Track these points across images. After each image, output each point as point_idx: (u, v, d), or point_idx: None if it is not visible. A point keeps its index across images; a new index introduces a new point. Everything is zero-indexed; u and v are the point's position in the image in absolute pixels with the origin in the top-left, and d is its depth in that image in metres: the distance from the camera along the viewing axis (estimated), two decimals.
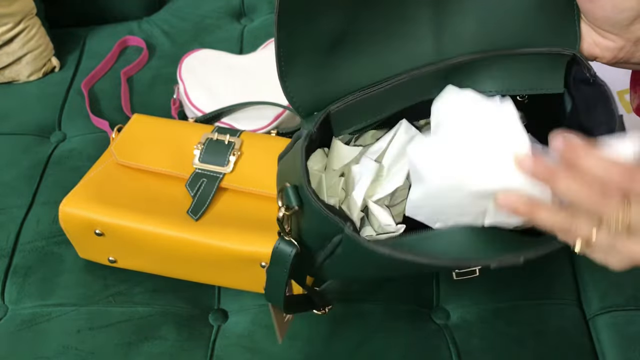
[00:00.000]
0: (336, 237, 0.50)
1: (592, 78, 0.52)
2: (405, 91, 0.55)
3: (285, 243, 0.54)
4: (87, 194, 0.74)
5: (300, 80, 0.53)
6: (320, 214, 0.49)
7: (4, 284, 0.78)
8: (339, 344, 0.72)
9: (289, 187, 0.51)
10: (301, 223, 0.53)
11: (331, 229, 0.49)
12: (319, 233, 0.51)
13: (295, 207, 0.51)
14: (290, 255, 0.53)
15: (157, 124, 0.81)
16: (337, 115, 0.54)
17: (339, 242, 0.50)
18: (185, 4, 1.19)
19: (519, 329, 0.72)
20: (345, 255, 0.51)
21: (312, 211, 0.50)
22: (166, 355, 0.71)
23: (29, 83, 1.04)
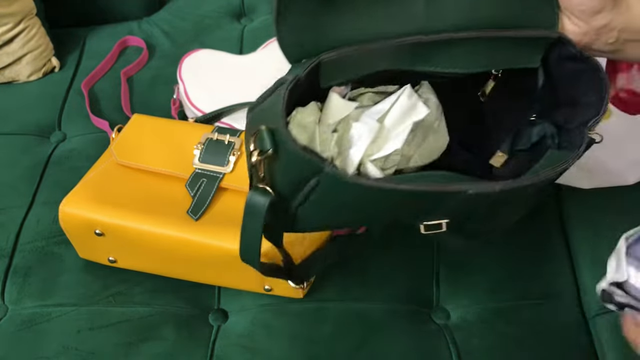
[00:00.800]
0: (312, 180, 0.49)
1: (579, 54, 0.55)
2: (392, 56, 0.55)
3: (258, 192, 0.52)
4: (87, 194, 0.74)
5: (294, 25, 0.52)
6: (297, 156, 0.48)
7: (4, 284, 0.78)
8: (339, 344, 0.72)
9: (263, 129, 0.50)
10: (274, 170, 0.52)
11: (308, 171, 0.49)
12: (294, 178, 0.51)
13: (269, 151, 0.49)
14: (264, 205, 0.52)
15: (157, 124, 0.81)
16: (327, 66, 0.53)
17: (315, 185, 0.50)
18: (185, 4, 1.19)
19: (519, 329, 0.72)
20: (321, 198, 0.51)
21: (287, 154, 0.49)
22: (166, 355, 0.71)
23: (29, 83, 1.04)
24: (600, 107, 0.53)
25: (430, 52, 0.56)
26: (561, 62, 0.57)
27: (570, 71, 0.56)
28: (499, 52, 0.56)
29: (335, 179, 0.48)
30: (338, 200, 0.51)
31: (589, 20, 0.54)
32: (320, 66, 0.53)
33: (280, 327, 0.73)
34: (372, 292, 0.76)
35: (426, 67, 0.56)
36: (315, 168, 0.48)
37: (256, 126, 0.51)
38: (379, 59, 0.55)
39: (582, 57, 0.55)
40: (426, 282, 0.78)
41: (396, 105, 0.58)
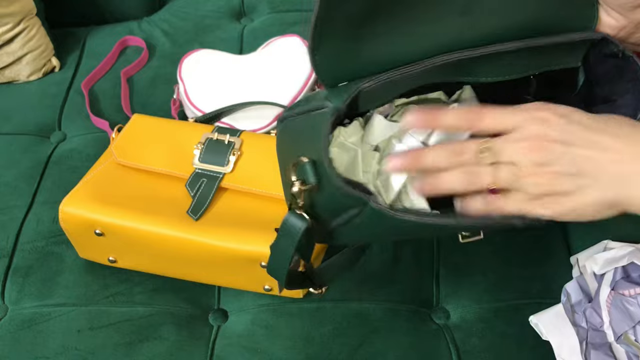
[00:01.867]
0: (354, 209, 0.50)
1: (621, 53, 0.54)
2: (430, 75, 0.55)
3: (296, 217, 0.53)
4: (87, 194, 0.74)
5: (330, 52, 0.52)
6: (341, 191, 0.48)
7: (4, 284, 0.78)
8: (339, 344, 0.72)
9: (306, 162, 0.50)
10: (315, 197, 0.52)
11: (351, 203, 0.49)
12: (336, 206, 0.51)
13: (313, 184, 0.50)
14: (300, 229, 0.52)
15: (157, 124, 0.81)
16: (366, 94, 0.53)
17: (357, 213, 0.50)
18: (185, 4, 1.19)
19: (519, 329, 0.72)
20: (363, 224, 0.51)
21: (330, 187, 0.49)
22: (166, 355, 0.71)
23: (29, 83, 1.04)
24: (637, 109, 0.53)
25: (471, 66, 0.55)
26: (601, 60, 0.56)
27: (609, 69, 0.56)
28: (541, 56, 0.55)
29: (380, 213, 0.48)
30: (380, 227, 0.51)
31: (629, 14, 0.53)
32: (359, 96, 0.53)
33: (280, 327, 0.73)
34: (372, 292, 0.76)
35: (467, 79, 0.56)
36: (359, 201, 0.49)
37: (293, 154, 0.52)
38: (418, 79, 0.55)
39: (623, 56, 0.54)
40: (426, 282, 0.78)
41: None
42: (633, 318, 0.60)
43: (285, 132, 0.57)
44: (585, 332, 0.64)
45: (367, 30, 0.52)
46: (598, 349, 0.63)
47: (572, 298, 0.67)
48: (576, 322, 0.65)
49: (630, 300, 0.60)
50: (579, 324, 0.65)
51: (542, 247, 0.81)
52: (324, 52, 0.52)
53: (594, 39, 0.55)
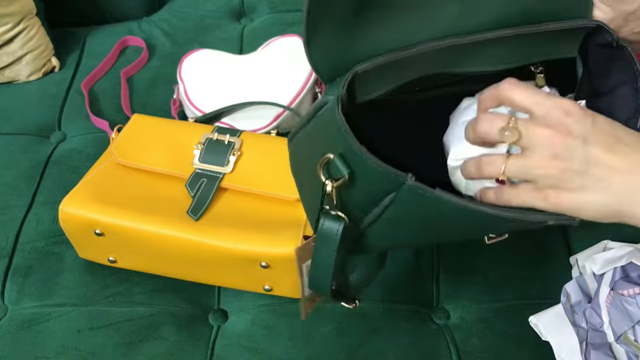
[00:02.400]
0: (387, 197, 0.48)
1: (615, 42, 0.54)
2: (428, 61, 0.54)
3: (331, 219, 0.51)
4: (87, 194, 0.74)
5: (325, 45, 0.51)
6: (376, 173, 0.47)
7: (4, 284, 0.78)
8: (339, 344, 0.72)
9: (333, 157, 0.49)
10: (346, 194, 0.51)
11: (387, 187, 0.48)
12: (369, 197, 0.50)
13: (346, 176, 0.48)
14: (338, 231, 0.51)
15: (157, 124, 0.81)
16: (363, 77, 0.52)
17: (390, 202, 0.49)
18: (185, 4, 1.19)
19: (519, 329, 0.72)
20: (394, 216, 0.50)
21: (364, 174, 0.48)
22: (166, 355, 0.71)
23: (29, 83, 1.04)
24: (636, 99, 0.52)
25: (468, 53, 0.54)
26: (597, 50, 0.56)
27: (604, 59, 0.55)
28: (538, 45, 0.55)
29: (415, 193, 0.47)
30: (411, 218, 0.50)
31: (616, 5, 0.53)
32: (356, 79, 0.52)
33: (280, 327, 0.73)
34: (372, 292, 0.76)
35: (465, 68, 0.55)
36: (396, 182, 0.47)
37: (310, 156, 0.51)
38: (416, 66, 0.54)
39: (617, 46, 0.54)
40: (426, 282, 0.78)
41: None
42: (632, 318, 0.60)
43: (299, 146, 0.56)
44: (585, 333, 0.64)
45: (361, 18, 0.51)
46: (598, 349, 0.63)
47: (572, 298, 0.67)
48: (576, 322, 0.65)
49: (629, 300, 0.60)
50: (578, 324, 0.65)
51: (541, 248, 0.81)
52: (318, 44, 0.51)
53: (588, 26, 0.55)
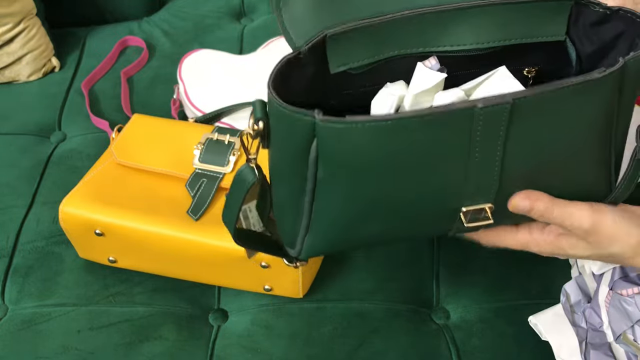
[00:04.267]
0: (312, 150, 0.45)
1: (607, 10, 0.51)
2: (404, 34, 0.52)
3: (249, 170, 0.49)
4: (87, 194, 0.74)
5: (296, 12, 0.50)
6: (285, 116, 0.44)
7: (4, 284, 0.78)
8: (339, 343, 0.72)
9: (255, 101, 0.47)
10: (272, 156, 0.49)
11: (302, 132, 0.44)
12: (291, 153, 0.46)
13: (261, 121, 0.46)
14: (248, 183, 0.49)
15: (157, 124, 0.81)
16: (334, 42, 0.49)
17: (316, 156, 0.45)
18: (185, 4, 1.19)
19: (519, 329, 0.72)
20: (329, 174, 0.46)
21: (276, 118, 0.45)
22: (166, 355, 0.71)
23: (29, 83, 1.05)
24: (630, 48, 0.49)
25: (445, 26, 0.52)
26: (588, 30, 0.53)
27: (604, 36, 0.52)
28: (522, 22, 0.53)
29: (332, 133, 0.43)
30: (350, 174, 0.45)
31: None
32: (326, 42, 0.49)
33: (280, 327, 0.73)
34: (372, 292, 0.76)
35: (446, 45, 0.53)
36: (307, 124, 0.43)
37: None
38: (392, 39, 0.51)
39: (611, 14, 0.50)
40: (426, 282, 0.78)
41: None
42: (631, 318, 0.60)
43: None
44: (585, 332, 0.64)
45: None
46: (597, 349, 0.63)
47: (571, 298, 0.67)
48: (575, 322, 0.65)
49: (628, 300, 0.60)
50: (578, 324, 0.65)
51: None
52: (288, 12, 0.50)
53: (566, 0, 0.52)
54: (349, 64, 0.51)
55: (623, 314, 0.61)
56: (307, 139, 0.45)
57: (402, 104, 0.52)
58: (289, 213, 0.51)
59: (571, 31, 0.54)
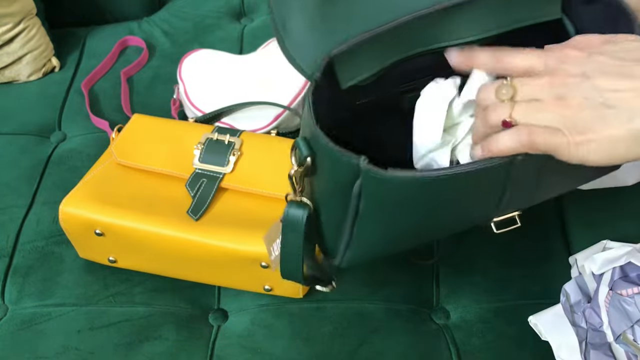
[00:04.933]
0: (355, 186, 0.47)
1: None
2: (406, 35, 0.52)
3: (295, 206, 0.50)
4: (87, 194, 0.74)
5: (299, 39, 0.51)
6: (333, 156, 0.45)
7: (4, 284, 0.78)
8: (339, 343, 0.72)
9: (298, 139, 0.48)
10: (316, 185, 0.50)
11: (347, 171, 0.46)
12: (337, 185, 0.48)
13: (308, 158, 0.48)
14: (302, 218, 0.50)
15: (157, 124, 0.81)
16: (341, 59, 0.51)
17: (359, 192, 0.47)
18: (185, 4, 1.19)
19: (519, 329, 0.72)
20: (370, 207, 0.48)
21: (324, 157, 0.47)
22: (166, 355, 0.71)
23: (29, 83, 1.05)
24: None
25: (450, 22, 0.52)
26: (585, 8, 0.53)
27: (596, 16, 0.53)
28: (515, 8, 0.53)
29: (376, 178, 0.45)
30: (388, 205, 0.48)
31: None
32: (334, 63, 0.50)
33: (280, 327, 0.73)
34: (372, 292, 0.76)
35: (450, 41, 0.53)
36: (353, 166, 0.45)
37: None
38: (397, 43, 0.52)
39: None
40: (426, 282, 0.78)
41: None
42: (631, 318, 0.60)
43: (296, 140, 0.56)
44: (585, 332, 0.64)
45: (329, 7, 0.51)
46: (597, 348, 0.63)
47: (571, 298, 0.67)
48: (575, 322, 0.66)
49: (627, 300, 0.60)
50: (578, 324, 0.65)
51: (541, 247, 0.81)
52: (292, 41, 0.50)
53: None
54: (358, 77, 0.52)
55: (623, 314, 0.61)
56: (351, 177, 0.47)
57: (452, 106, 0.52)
58: (331, 232, 0.53)
59: (566, 9, 0.55)
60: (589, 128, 0.43)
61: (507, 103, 0.46)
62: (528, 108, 0.45)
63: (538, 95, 0.45)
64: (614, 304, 0.62)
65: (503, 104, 0.46)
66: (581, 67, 0.44)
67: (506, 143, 0.46)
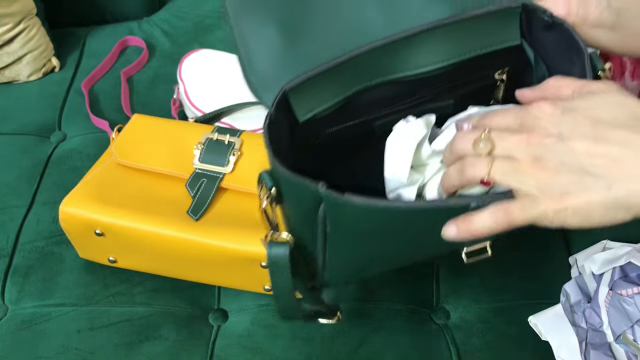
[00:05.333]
0: (320, 210, 0.47)
1: (550, 19, 0.51)
2: (366, 68, 0.53)
3: (276, 246, 0.50)
4: (87, 194, 0.74)
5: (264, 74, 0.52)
6: (292, 184, 0.46)
7: (4, 284, 0.78)
8: (339, 344, 0.72)
9: (263, 172, 0.49)
10: (288, 212, 0.51)
11: (310, 198, 0.47)
12: (302, 212, 0.49)
13: (273, 188, 0.49)
14: (285, 256, 0.50)
15: (157, 124, 0.81)
16: (295, 94, 0.51)
17: (324, 215, 0.47)
18: (185, 4, 1.19)
19: (519, 329, 0.72)
20: (336, 230, 0.48)
21: (286, 186, 0.48)
22: (166, 355, 0.71)
23: (29, 83, 1.05)
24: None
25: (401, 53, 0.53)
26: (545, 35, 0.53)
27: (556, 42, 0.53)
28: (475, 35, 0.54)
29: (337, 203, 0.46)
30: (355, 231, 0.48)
31: None
32: (288, 97, 0.51)
33: (280, 327, 0.73)
34: (372, 292, 0.76)
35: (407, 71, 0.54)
36: (314, 192, 0.46)
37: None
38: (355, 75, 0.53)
39: (553, 23, 0.51)
40: (426, 282, 0.78)
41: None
42: (631, 318, 0.60)
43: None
44: (585, 332, 0.64)
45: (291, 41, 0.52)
46: (597, 348, 0.63)
47: (571, 298, 0.67)
48: (575, 322, 0.66)
49: (627, 300, 0.60)
50: (578, 324, 0.65)
51: (541, 248, 0.81)
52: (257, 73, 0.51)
53: (511, 7, 0.53)
54: (316, 109, 0.53)
55: (623, 314, 0.61)
56: (315, 202, 0.47)
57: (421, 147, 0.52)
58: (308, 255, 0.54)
59: (526, 35, 0.55)
60: (566, 193, 0.42)
61: (484, 158, 0.44)
62: (505, 168, 0.44)
63: (515, 154, 0.44)
64: (614, 304, 0.62)
65: (481, 159, 0.45)
66: (556, 126, 0.43)
67: (485, 224, 0.45)
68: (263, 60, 0.52)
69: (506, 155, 0.44)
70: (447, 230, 0.46)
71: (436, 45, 0.53)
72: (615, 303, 0.62)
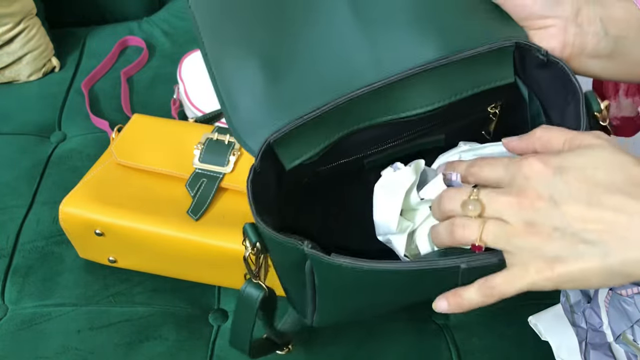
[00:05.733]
0: (307, 264, 0.48)
1: (545, 58, 0.50)
2: (347, 113, 0.52)
3: (252, 286, 0.52)
4: (87, 194, 0.74)
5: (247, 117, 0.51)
6: (276, 241, 0.47)
7: (4, 284, 0.78)
8: (339, 344, 0.72)
9: (246, 225, 0.50)
10: (274, 260, 0.51)
11: (295, 254, 0.47)
12: (291, 264, 0.49)
13: (256, 244, 0.49)
14: (257, 299, 0.52)
15: (157, 124, 0.81)
16: (280, 145, 0.51)
17: (311, 269, 0.48)
18: (186, 4, 1.19)
19: (518, 329, 0.72)
20: (324, 284, 0.49)
21: (271, 242, 0.48)
22: (166, 355, 0.71)
23: (29, 83, 1.05)
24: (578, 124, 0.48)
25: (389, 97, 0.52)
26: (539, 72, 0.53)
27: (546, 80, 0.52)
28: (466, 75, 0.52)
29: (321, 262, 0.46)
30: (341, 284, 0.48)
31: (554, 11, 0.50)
32: (274, 147, 0.51)
33: None
34: None
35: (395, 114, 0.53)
36: (299, 250, 0.46)
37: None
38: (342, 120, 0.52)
39: (549, 62, 0.51)
40: None
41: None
42: (631, 318, 0.60)
43: None
44: (585, 332, 0.64)
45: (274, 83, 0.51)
46: (597, 348, 0.63)
47: (571, 298, 0.67)
48: (575, 322, 0.66)
49: (627, 300, 0.60)
50: (578, 324, 0.65)
51: None
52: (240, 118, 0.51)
53: (504, 46, 0.52)
54: (303, 156, 0.52)
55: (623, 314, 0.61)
56: (301, 258, 0.48)
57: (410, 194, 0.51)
58: (297, 299, 0.54)
59: (519, 72, 0.54)
60: (559, 260, 0.41)
61: (475, 220, 0.43)
62: (497, 231, 0.42)
63: (506, 217, 0.42)
64: (614, 304, 0.62)
65: (471, 222, 0.43)
66: (548, 188, 0.41)
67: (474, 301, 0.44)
68: (246, 102, 0.51)
69: (497, 217, 0.42)
70: (438, 304, 0.46)
71: (426, 88, 0.52)
72: (615, 303, 0.62)
